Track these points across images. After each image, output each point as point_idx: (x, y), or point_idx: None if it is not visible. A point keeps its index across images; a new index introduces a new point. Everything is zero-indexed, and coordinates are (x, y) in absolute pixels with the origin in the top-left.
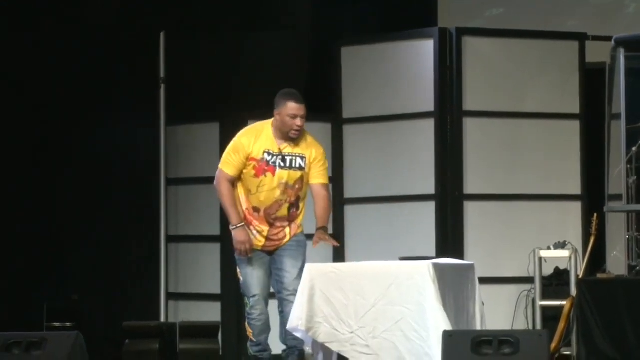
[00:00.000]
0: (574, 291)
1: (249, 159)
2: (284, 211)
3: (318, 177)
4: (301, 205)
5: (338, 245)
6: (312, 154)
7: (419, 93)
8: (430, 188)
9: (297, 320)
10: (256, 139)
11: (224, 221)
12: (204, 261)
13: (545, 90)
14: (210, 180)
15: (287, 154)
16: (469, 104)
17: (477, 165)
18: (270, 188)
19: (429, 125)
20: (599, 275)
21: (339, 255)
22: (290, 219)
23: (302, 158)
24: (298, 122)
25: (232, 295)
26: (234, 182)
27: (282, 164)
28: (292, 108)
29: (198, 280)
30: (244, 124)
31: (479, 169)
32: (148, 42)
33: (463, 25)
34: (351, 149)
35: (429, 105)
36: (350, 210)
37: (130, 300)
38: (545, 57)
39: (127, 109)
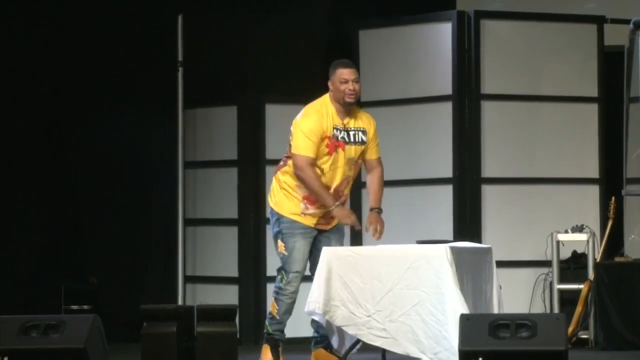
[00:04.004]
0: (591, 275)
1: (323, 138)
2: (348, 189)
3: (375, 152)
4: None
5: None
6: (372, 129)
7: (437, 76)
8: (448, 171)
9: (314, 304)
10: (325, 117)
11: (242, 204)
12: (221, 244)
13: (563, 74)
14: (227, 163)
15: (350, 128)
16: (487, 87)
17: (495, 149)
18: (341, 164)
19: (447, 108)
20: (617, 259)
21: (356, 239)
22: (347, 196)
23: (364, 132)
24: (350, 86)
25: (249, 278)
26: (314, 166)
27: (347, 139)
28: (342, 73)
29: (215, 263)
30: (261, 108)
31: (496, 152)
32: (166, 25)
33: (481, 8)
34: None
35: (447, 89)
36: (367, 194)
37: (148, 283)
38: (563, 40)
39: (144, 93)
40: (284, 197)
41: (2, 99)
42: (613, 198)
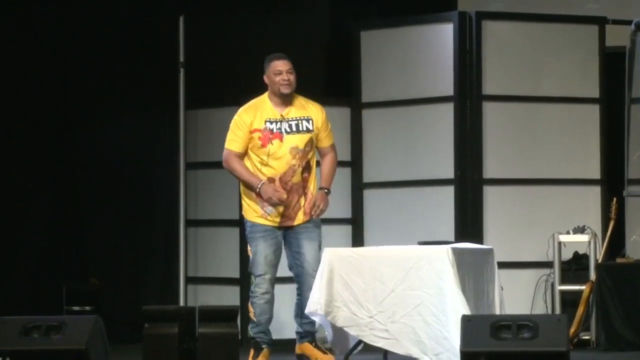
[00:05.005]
0: (593, 276)
1: (251, 131)
2: (298, 177)
3: (326, 140)
4: (312, 168)
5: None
6: (319, 117)
7: (438, 77)
8: (449, 172)
9: (315, 305)
10: (255, 111)
11: None
12: (222, 245)
13: (565, 75)
14: None
15: (291, 118)
16: (488, 88)
17: (497, 150)
18: (281, 154)
19: (448, 109)
20: (618, 260)
21: (357, 240)
22: (304, 184)
23: (308, 120)
24: (284, 76)
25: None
26: (242, 158)
27: (288, 130)
28: (276, 65)
29: (217, 264)
30: None
31: (498, 153)
32: (167, 26)
33: (482, 8)
34: (370, 134)
35: (448, 90)
36: (369, 195)
37: (150, 284)
38: (564, 41)
39: (146, 93)
40: (245, 202)
41: (3, 100)
42: (614, 199)
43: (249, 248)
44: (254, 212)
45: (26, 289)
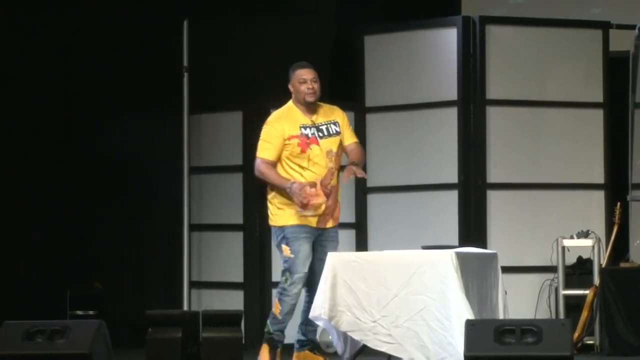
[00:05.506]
0: (597, 280)
1: (288, 138)
2: (335, 179)
3: (350, 137)
4: (338, 174)
5: (365, 177)
6: (342, 117)
7: (442, 82)
8: (453, 177)
9: (319, 309)
10: (287, 119)
11: (247, 210)
12: (226, 250)
13: (568, 79)
14: (233, 168)
15: (320, 124)
16: (492, 93)
17: (500, 154)
18: (320, 158)
19: (452, 114)
20: (622, 265)
21: (361, 244)
22: (336, 187)
23: (335, 123)
24: (309, 84)
25: (254, 283)
26: (274, 167)
27: (321, 134)
28: (301, 74)
29: (221, 268)
30: (266, 113)
31: (502, 158)
32: (171, 30)
33: (486, 13)
34: (374, 138)
35: (452, 94)
36: (373, 199)
37: (153, 289)
38: (568, 46)
39: (150, 97)
40: (282, 212)
41: (3, 101)
42: (618, 203)
43: (286, 248)
44: (292, 216)
45: (30, 293)
